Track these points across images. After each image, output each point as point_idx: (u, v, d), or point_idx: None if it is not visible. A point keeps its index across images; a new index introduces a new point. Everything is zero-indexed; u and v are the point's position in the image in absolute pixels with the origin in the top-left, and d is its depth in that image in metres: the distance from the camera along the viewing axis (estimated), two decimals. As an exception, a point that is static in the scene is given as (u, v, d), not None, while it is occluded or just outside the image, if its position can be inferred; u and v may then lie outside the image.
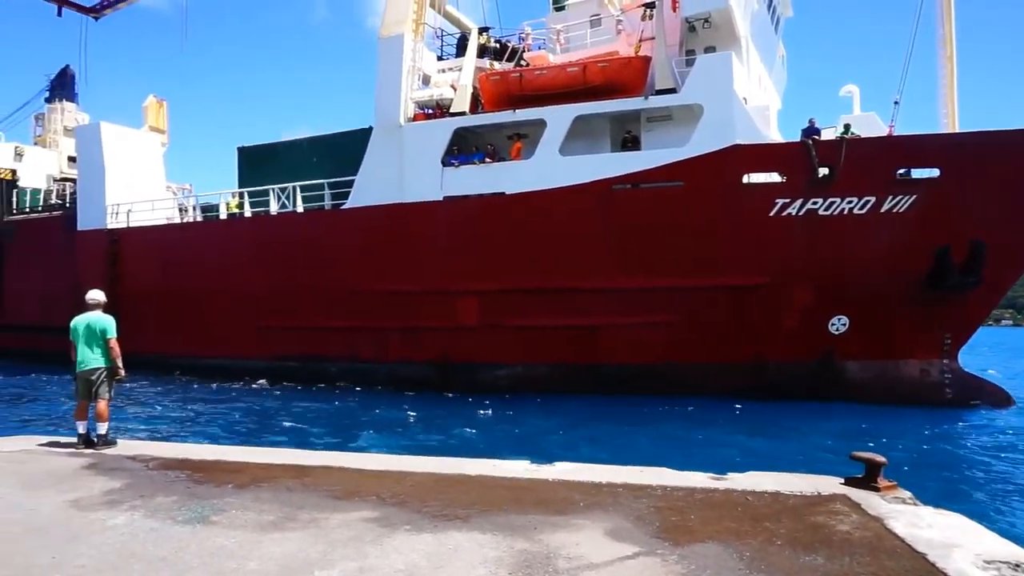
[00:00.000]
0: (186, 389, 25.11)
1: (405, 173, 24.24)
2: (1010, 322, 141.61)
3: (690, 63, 22.06)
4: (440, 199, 23.70)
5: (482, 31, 27.51)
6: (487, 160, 23.58)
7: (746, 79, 23.53)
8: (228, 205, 29.59)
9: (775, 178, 21.13)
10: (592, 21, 25.71)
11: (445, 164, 23.79)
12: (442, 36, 30.08)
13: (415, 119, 24.85)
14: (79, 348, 9.53)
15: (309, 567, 4.94)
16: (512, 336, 22.60)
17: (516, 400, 21.37)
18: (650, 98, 21.79)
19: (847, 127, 21.56)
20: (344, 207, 25.48)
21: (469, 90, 24.25)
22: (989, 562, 4.74)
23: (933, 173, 20.42)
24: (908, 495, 6.42)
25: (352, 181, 25.27)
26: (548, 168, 22.24)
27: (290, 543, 5.46)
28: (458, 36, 29.97)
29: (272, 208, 27.47)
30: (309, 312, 25.62)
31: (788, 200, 20.43)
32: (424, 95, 25.21)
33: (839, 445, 13.96)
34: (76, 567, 5.02)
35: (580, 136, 22.51)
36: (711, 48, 23.26)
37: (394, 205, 24.28)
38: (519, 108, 23.09)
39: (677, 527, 5.70)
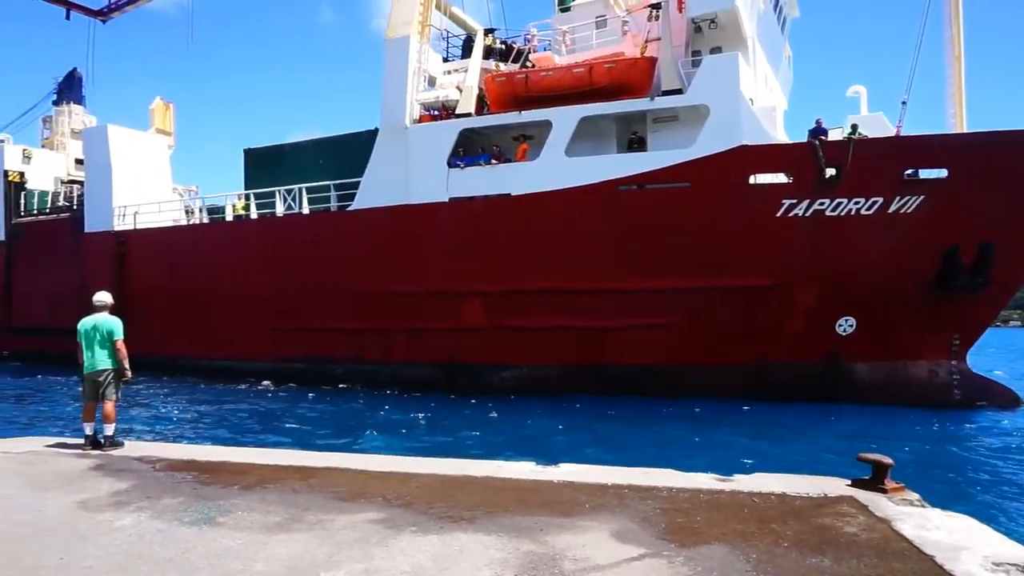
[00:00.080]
0: (192, 390, 25.16)
1: (411, 174, 24.26)
2: (1018, 323, 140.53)
3: (696, 64, 22.02)
4: (446, 200, 23.70)
5: (488, 32, 27.54)
6: (493, 161, 23.57)
7: (752, 80, 23.46)
8: (234, 207, 29.66)
9: (781, 179, 21.07)
10: (598, 22, 25.69)
11: (451, 165, 23.79)
12: (448, 38, 30.11)
13: (421, 120, 24.88)
14: (86, 350, 9.57)
15: (315, 568, 4.95)
16: (518, 337, 22.58)
17: (521, 401, 21.37)
18: (656, 99, 21.77)
19: (854, 127, 21.45)
20: (350, 208, 25.51)
21: (475, 91, 24.28)
22: (998, 564, 4.72)
23: (941, 173, 20.34)
24: (916, 497, 6.39)
25: (358, 182, 25.31)
26: (554, 169, 22.22)
27: (296, 544, 5.47)
28: (464, 38, 29.99)
29: (278, 210, 27.55)
30: (315, 314, 25.65)
31: (795, 201, 20.36)
32: (430, 96, 25.24)
33: (846, 446, 13.88)
34: (83, 568, 5.04)
35: (586, 137, 22.47)
36: (717, 49, 23.20)
37: (400, 206, 24.29)
38: (525, 109, 23.08)
39: (683, 529, 5.69)
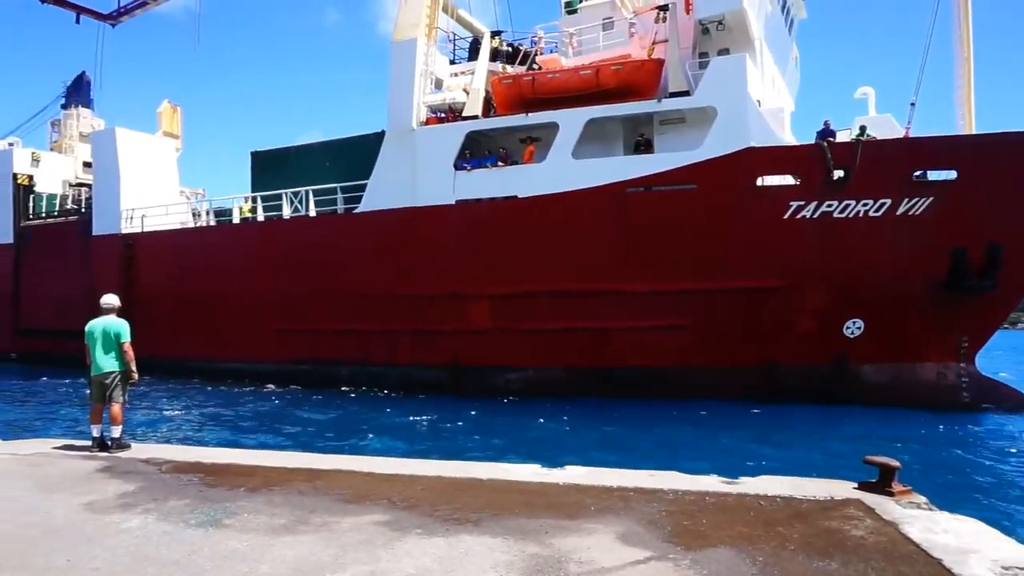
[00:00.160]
0: (199, 392, 25.24)
1: (417, 177, 24.28)
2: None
3: (703, 66, 21.98)
4: (452, 203, 23.72)
5: (494, 35, 27.55)
6: (499, 163, 23.58)
7: (760, 81, 23.42)
8: (241, 210, 29.74)
9: (789, 181, 21.01)
10: (604, 24, 25.64)
11: (457, 168, 23.80)
12: (454, 40, 30.14)
13: (427, 123, 24.90)
14: (93, 352, 9.61)
15: (321, 570, 4.95)
16: (524, 339, 22.57)
17: (527, 403, 21.34)
18: (663, 101, 21.72)
19: (863, 129, 21.39)
20: (357, 211, 25.55)
21: (481, 94, 24.28)
22: (1007, 568, 4.68)
23: (950, 175, 20.26)
24: (923, 500, 6.35)
25: (365, 185, 25.35)
26: (561, 171, 22.20)
27: (302, 546, 5.47)
28: (470, 40, 30.02)
29: (285, 212, 27.60)
30: (321, 316, 25.70)
31: (802, 202, 20.30)
32: (436, 99, 25.26)
33: (853, 449, 13.83)
34: (91, 569, 5.05)
35: (593, 139, 22.46)
36: (725, 50, 23.16)
37: (406, 209, 24.32)
38: (531, 111, 23.09)
39: (689, 531, 5.67)
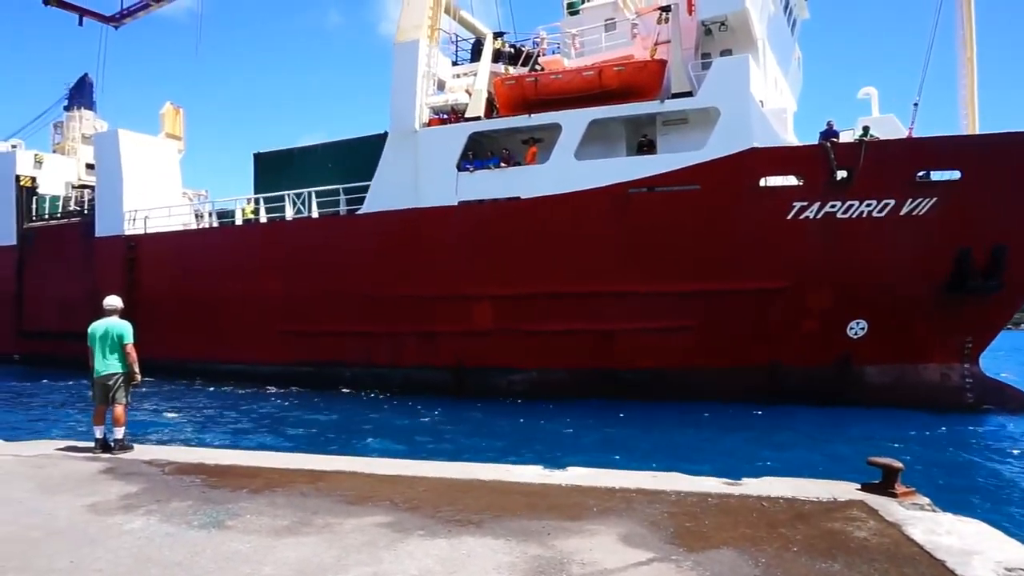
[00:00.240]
0: (201, 394, 25.29)
1: (420, 178, 24.29)
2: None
3: (706, 66, 21.95)
4: (455, 204, 23.71)
5: (497, 36, 27.55)
6: (502, 165, 23.55)
7: (763, 82, 23.39)
8: (244, 211, 29.76)
9: (792, 181, 20.99)
10: (607, 25, 25.61)
11: (460, 169, 23.79)
12: (457, 41, 30.14)
13: (430, 124, 24.92)
14: (96, 354, 9.63)
15: (323, 572, 4.95)
16: (527, 341, 22.56)
17: (530, 405, 21.33)
18: (666, 102, 21.70)
19: (866, 129, 21.34)
20: (359, 212, 25.56)
21: (484, 95, 24.27)
22: (1010, 570, 4.68)
23: (954, 175, 20.22)
24: (926, 501, 6.33)
25: (367, 186, 25.35)
26: (563, 172, 22.19)
27: (304, 548, 5.47)
28: (473, 41, 30.03)
29: (288, 214, 27.62)
30: (324, 317, 25.70)
31: (806, 203, 20.26)
32: (439, 100, 25.28)
33: (856, 450, 13.80)
34: (94, 571, 5.06)
35: (595, 140, 22.44)
36: (727, 51, 23.14)
37: (409, 210, 24.32)
38: (534, 112, 23.08)
39: (691, 533, 5.66)
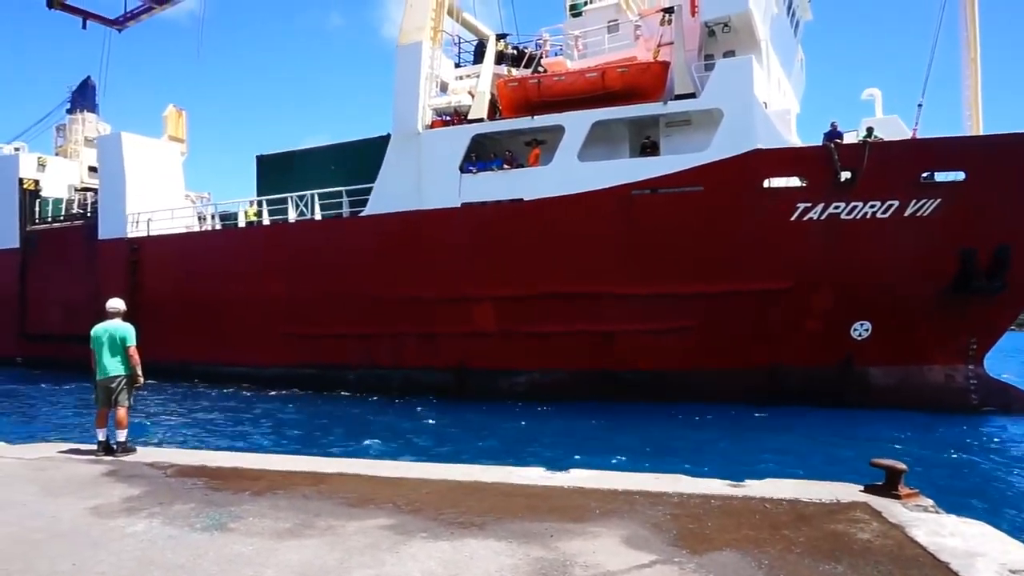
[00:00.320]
0: (204, 396, 25.30)
1: (423, 180, 24.29)
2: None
3: (709, 68, 21.95)
4: (458, 206, 23.70)
5: (500, 38, 27.58)
6: (505, 166, 23.53)
7: (766, 83, 23.36)
8: (247, 213, 29.79)
9: (796, 182, 20.96)
10: (609, 26, 25.61)
11: (463, 171, 23.78)
12: (459, 43, 30.20)
13: (433, 126, 24.92)
14: (99, 356, 9.64)
15: (326, 574, 4.95)
16: (530, 342, 22.55)
17: (532, 406, 21.31)
18: (669, 103, 21.69)
19: (870, 130, 21.28)
20: (362, 214, 25.57)
21: (487, 97, 24.28)
22: (1014, 572, 4.67)
23: (958, 176, 20.17)
24: (930, 503, 6.32)
25: (370, 188, 25.36)
26: (567, 174, 22.17)
27: (307, 550, 5.47)
28: (475, 43, 30.07)
29: (290, 216, 27.63)
30: (327, 320, 25.71)
31: (809, 204, 20.23)
32: (442, 102, 25.30)
33: (859, 452, 13.79)
34: (96, 574, 5.07)
35: (599, 142, 22.42)
36: (730, 52, 23.14)
37: (412, 212, 24.32)
38: (537, 114, 23.06)
39: (694, 535, 5.65)
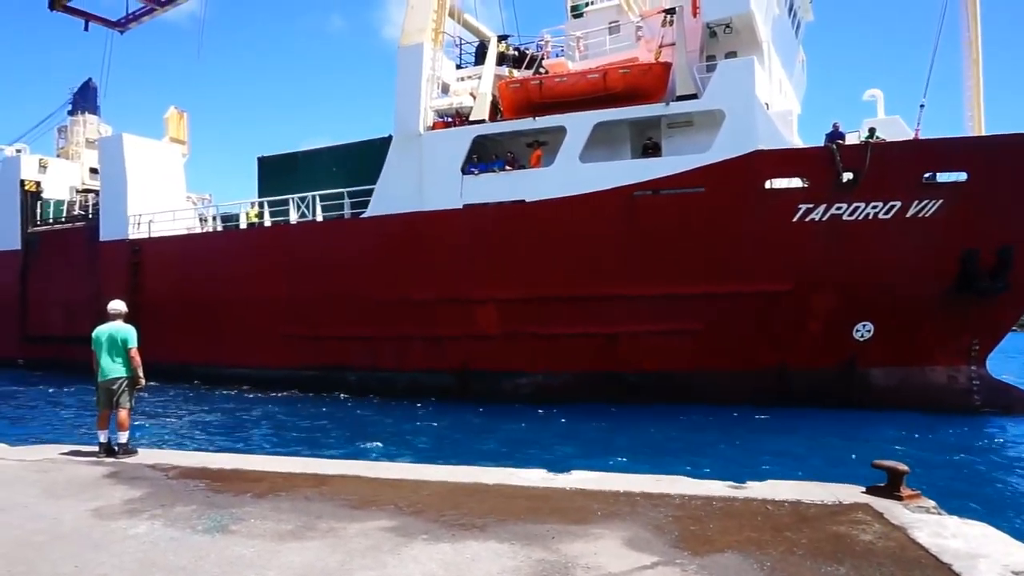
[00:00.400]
0: (206, 398, 25.31)
1: (425, 181, 24.28)
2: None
3: (711, 69, 21.94)
4: (460, 207, 23.69)
5: (501, 39, 27.59)
6: (507, 168, 23.52)
7: (767, 84, 23.35)
8: (248, 215, 29.79)
9: (798, 183, 20.94)
10: (611, 28, 25.63)
11: (465, 172, 23.77)
12: (461, 45, 30.18)
13: (434, 127, 24.91)
14: (101, 358, 9.65)
15: (327, 576, 4.94)
16: (533, 344, 22.53)
17: (535, 408, 21.27)
18: (671, 104, 21.67)
19: (872, 131, 21.24)
20: (364, 216, 25.58)
21: (488, 98, 24.29)
22: (1016, 573, 4.66)
23: (960, 177, 20.14)
24: (932, 504, 6.31)
25: (372, 190, 25.35)
26: (568, 175, 22.15)
27: (308, 552, 5.47)
28: (477, 45, 30.07)
29: (292, 217, 27.63)
30: (329, 321, 25.70)
31: (811, 205, 20.20)
32: (443, 103, 25.28)
33: (861, 453, 13.78)
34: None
35: (600, 143, 22.39)
36: (732, 53, 23.16)
37: (414, 213, 24.31)
38: (539, 115, 23.04)
39: (696, 536, 5.65)
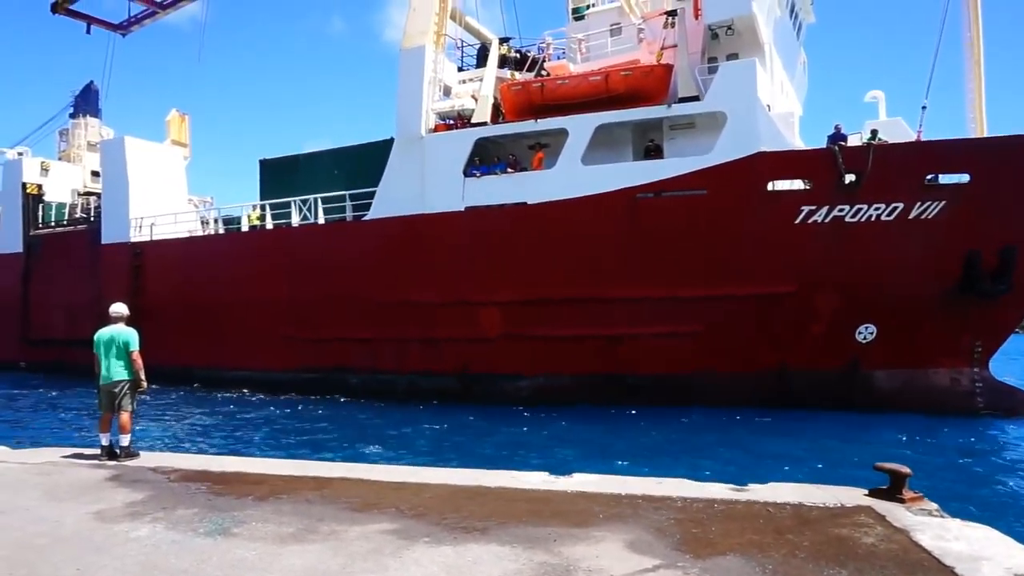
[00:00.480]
0: (207, 400, 25.31)
1: (427, 184, 24.29)
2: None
3: (713, 71, 21.92)
4: (462, 209, 23.70)
5: (503, 41, 27.56)
6: (509, 170, 23.52)
7: (769, 86, 23.34)
8: (250, 217, 29.80)
9: (800, 185, 20.92)
10: (612, 30, 25.64)
11: (467, 174, 23.77)
12: (462, 47, 30.19)
13: (436, 130, 24.91)
14: (102, 361, 9.65)
15: (328, 580, 4.95)
16: (534, 347, 22.50)
17: (537, 411, 21.25)
18: (673, 106, 21.65)
19: (874, 133, 21.23)
20: (366, 218, 25.58)
21: (490, 100, 24.28)
22: (1020, 575, 4.64)
23: (962, 178, 20.11)
24: (934, 507, 6.30)
25: (373, 192, 25.35)
26: (570, 177, 22.13)
27: (310, 555, 5.47)
28: (478, 47, 30.06)
29: (294, 220, 27.64)
30: (330, 324, 25.68)
31: (814, 207, 20.19)
32: (445, 106, 25.28)
33: (863, 455, 13.73)
34: (98, 579, 5.07)
35: (602, 145, 22.38)
36: (734, 55, 23.15)
37: (416, 216, 24.31)
38: (541, 118, 23.03)
39: (698, 539, 5.64)
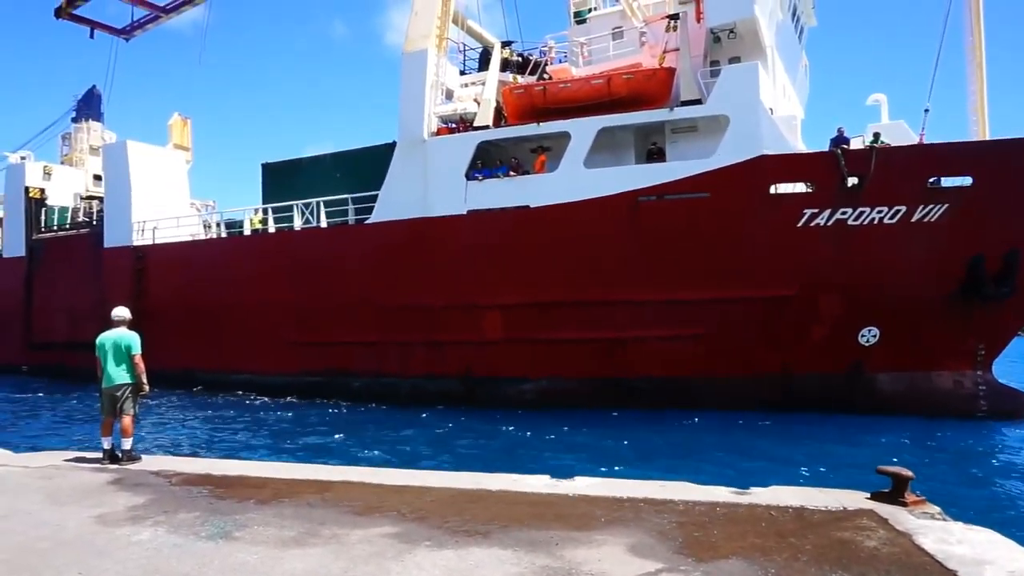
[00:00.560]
0: (209, 404, 25.27)
1: (429, 187, 24.30)
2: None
3: (715, 74, 21.95)
4: (464, 213, 23.71)
5: (504, 45, 27.59)
6: (511, 173, 23.52)
7: (771, 89, 23.35)
8: (252, 221, 29.83)
9: (803, 188, 20.92)
10: (614, 33, 25.68)
11: (469, 178, 23.77)
12: (464, 51, 30.23)
13: (439, 133, 24.93)
14: (105, 365, 9.67)
15: (329, 583, 4.95)
16: (537, 350, 22.49)
17: (539, 414, 21.21)
18: (675, 109, 21.66)
19: (876, 136, 21.20)
20: (368, 222, 25.60)
21: (492, 104, 24.29)
22: (1023, 579, 4.63)
23: (965, 181, 20.10)
24: (937, 510, 6.29)
25: (376, 196, 25.36)
26: (573, 181, 22.13)
27: (311, 559, 5.47)
28: (480, 51, 30.10)
29: (296, 224, 27.66)
30: (333, 327, 25.66)
31: (816, 210, 20.18)
32: (447, 109, 25.29)
33: (866, 458, 13.70)
34: (100, 582, 5.08)
35: (604, 148, 22.40)
36: (736, 58, 23.17)
37: (418, 219, 24.30)
38: (543, 121, 23.02)
39: (700, 543, 5.64)
